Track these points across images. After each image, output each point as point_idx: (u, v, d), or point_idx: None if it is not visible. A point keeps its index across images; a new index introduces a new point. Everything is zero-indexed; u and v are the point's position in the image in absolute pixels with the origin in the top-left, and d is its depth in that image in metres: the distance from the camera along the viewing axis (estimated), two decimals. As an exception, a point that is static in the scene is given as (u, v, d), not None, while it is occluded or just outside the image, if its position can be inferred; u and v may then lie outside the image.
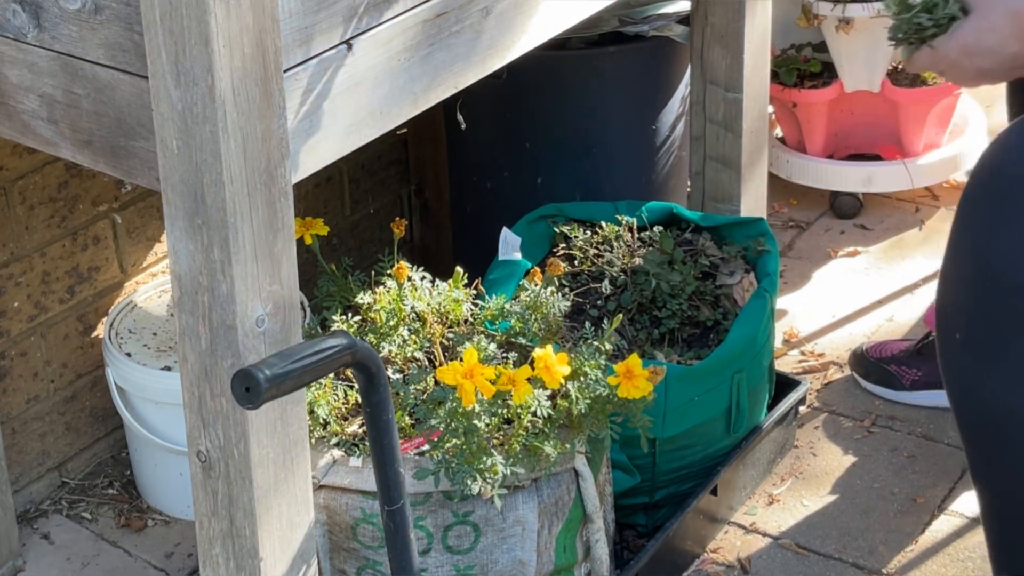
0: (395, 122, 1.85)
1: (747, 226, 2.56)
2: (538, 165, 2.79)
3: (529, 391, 1.95)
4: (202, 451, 1.78)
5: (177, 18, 1.56)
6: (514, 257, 2.47)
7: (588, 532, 2.16)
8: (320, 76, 1.72)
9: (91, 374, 2.63)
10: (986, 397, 1.60)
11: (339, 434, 2.11)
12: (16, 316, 2.48)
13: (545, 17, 2.04)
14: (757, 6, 2.56)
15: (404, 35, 1.82)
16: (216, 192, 1.62)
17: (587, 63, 2.73)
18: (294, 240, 1.73)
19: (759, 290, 2.43)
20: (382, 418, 1.68)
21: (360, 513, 2.05)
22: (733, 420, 2.39)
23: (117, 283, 2.63)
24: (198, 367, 1.74)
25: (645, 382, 2.00)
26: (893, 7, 1.70)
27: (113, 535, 2.54)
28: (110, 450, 2.70)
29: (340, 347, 1.58)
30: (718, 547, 2.45)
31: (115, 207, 2.57)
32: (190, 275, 1.69)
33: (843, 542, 2.45)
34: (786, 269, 3.17)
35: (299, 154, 1.72)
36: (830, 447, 2.66)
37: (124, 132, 1.72)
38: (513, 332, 2.19)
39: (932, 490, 2.55)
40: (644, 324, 2.45)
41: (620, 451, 2.29)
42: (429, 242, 3.16)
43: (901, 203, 3.40)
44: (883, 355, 2.77)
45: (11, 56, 1.78)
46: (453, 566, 2.06)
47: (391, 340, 2.19)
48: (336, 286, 2.31)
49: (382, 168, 3.05)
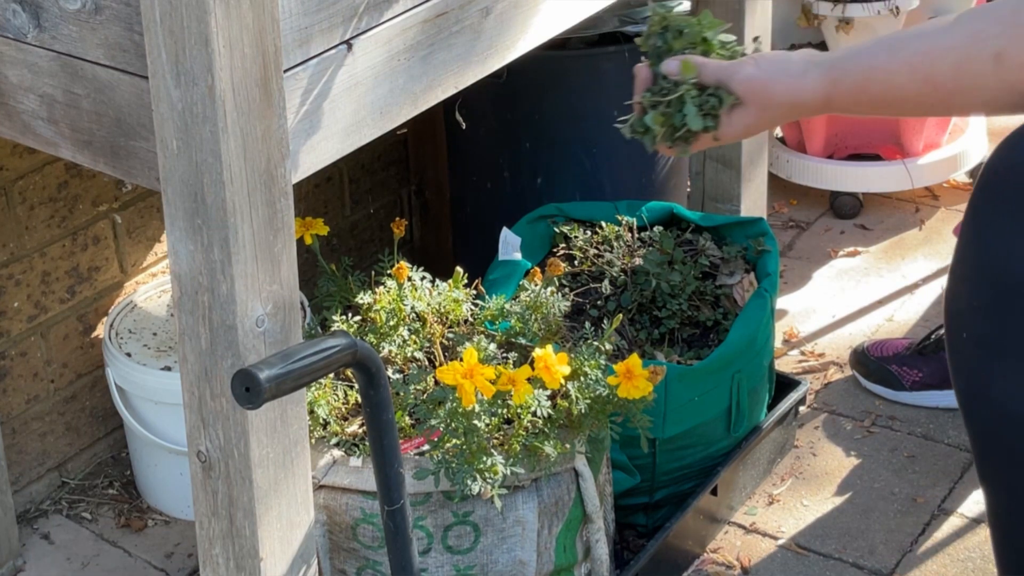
0: (395, 122, 1.85)
1: (747, 226, 2.56)
2: (538, 165, 2.79)
3: (529, 391, 1.95)
4: (202, 451, 1.78)
5: (177, 18, 1.56)
6: (514, 257, 2.47)
7: (588, 532, 2.16)
8: (320, 76, 1.72)
9: (91, 374, 2.63)
10: (994, 396, 1.59)
11: (339, 434, 2.11)
12: (16, 316, 2.48)
13: (545, 17, 2.04)
14: (757, 6, 2.56)
15: (404, 35, 1.82)
16: (216, 192, 1.62)
17: (587, 63, 2.73)
18: (294, 240, 1.73)
19: (759, 290, 2.43)
20: (382, 418, 1.68)
21: (360, 513, 2.05)
22: (733, 420, 2.39)
23: (117, 283, 2.63)
24: (198, 367, 1.74)
25: (645, 382, 2.00)
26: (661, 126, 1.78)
27: (113, 535, 2.54)
28: (110, 450, 2.70)
29: (340, 347, 1.58)
30: (718, 547, 2.45)
31: (115, 207, 2.57)
32: (190, 275, 1.69)
33: (843, 542, 2.45)
34: (786, 269, 3.17)
35: (299, 154, 1.72)
36: (830, 447, 2.66)
37: (124, 132, 1.72)
38: (513, 332, 2.19)
39: (932, 490, 2.55)
40: (644, 324, 2.45)
41: (620, 451, 2.30)
42: (429, 242, 3.16)
43: (901, 203, 3.40)
44: (884, 354, 2.77)
45: (11, 56, 1.78)
46: (453, 566, 2.06)
47: (391, 340, 2.19)
48: (336, 286, 2.31)
49: (382, 168, 3.05)
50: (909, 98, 1.62)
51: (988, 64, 1.54)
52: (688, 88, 1.76)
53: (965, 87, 1.57)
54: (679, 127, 1.77)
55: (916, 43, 1.61)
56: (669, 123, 1.78)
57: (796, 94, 1.69)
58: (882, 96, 1.64)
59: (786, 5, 3.26)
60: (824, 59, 1.69)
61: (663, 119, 1.78)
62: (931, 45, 1.59)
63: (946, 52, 1.57)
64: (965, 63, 1.55)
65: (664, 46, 1.82)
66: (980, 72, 1.55)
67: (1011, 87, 1.54)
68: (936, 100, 1.61)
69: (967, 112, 1.66)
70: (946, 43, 1.57)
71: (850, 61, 1.66)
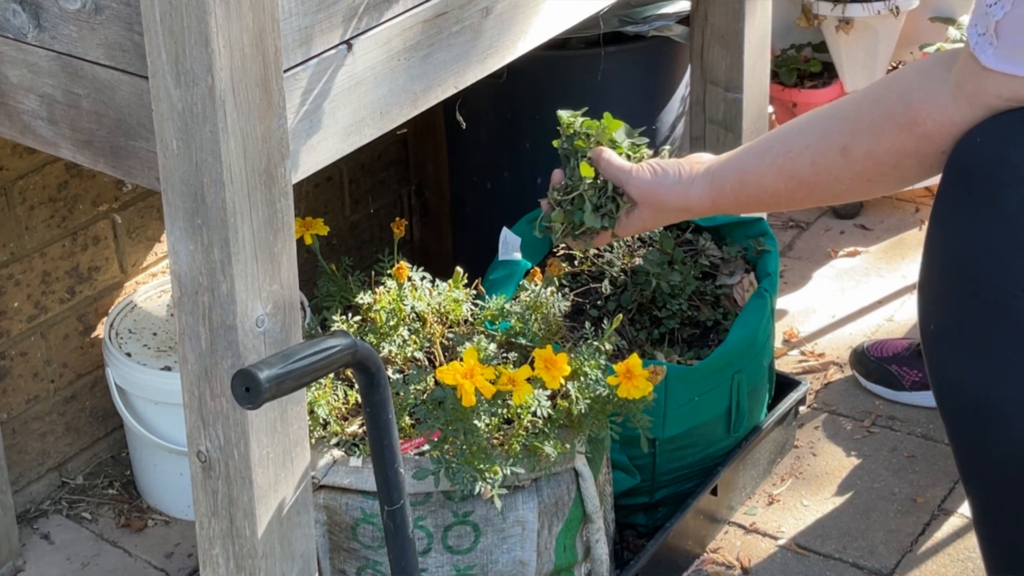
0: (395, 122, 1.85)
1: (747, 226, 2.56)
2: (538, 165, 2.79)
3: (529, 391, 1.95)
4: (202, 451, 1.78)
5: (177, 18, 1.56)
6: (514, 257, 2.47)
7: (588, 532, 2.16)
8: (320, 76, 1.72)
9: (91, 374, 2.63)
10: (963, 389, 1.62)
11: (339, 434, 2.11)
12: (16, 316, 2.48)
13: (545, 17, 2.04)
14: (757, 6, 2.56)
15: (404, 35, 1.82)
16: (216, 192, 1.62)
17: (587, 63, 2.73)
18: (294, 240, 1.73)
19: (759, 290, 2.43)
20: (382, 418, 1.68)
21: (360, 513, 2.05)
22: (733, 420, 2.39)
23: (117, 283, 2.63)
24: (198, 367, 1.74)
25: (645, 382, 2.00)
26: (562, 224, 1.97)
27: (113, 535, 2.54)
28: (110, 450, 2.70)
29: (340, 347, 1.58)
30: (718, 547, 2.45)
31: (115, 207, 2.57)
32: (190, 275, 1.69)
33: (843, 542, 2.45)
34: (786, 269, 3.17)
35: (299, 154, 1.72)
36: (830, 447, 2.66)
37: (124, 132, 1.72)
38: (513, 332, 2.19)
39: (932, 490, 2.55)
40: (644, 324, 2.45)
41: (620, 451, 2.30)
42: (429, 242, 3.16)
43: (901, 203, 3.40)
44: (884, 354, 2.77)
45: (11, 56, 1.78)
46: (453, 566, 2.06)
47: (391, 340, 2.19)
48: (336, 286, 2.31)
49: (382, 168, 3.05)
50: (781, 194, 1.78)
51: (838, 158, 1.70)
52: (587, 188, 1.93)
53: (823, 181, 1.73)
54: (578, 224, 1.95)
55: (778, 145, 1.78)
56: (569, 220, 1.95)
57: (684, 201, 1.87)
58: (758, 196, 1.81)
59: (786, 5, 3.26)
60: (709, 168, 1.86)
61: (563, 216, 1.96)
62: (790, 146, 1.76)
63: (803, 150, 1.74)
64: (819, 159, 1.72)
65: (570, 148, 1.97)
66: (833, 165, 1.71)
67: (860, 177, 1.70)
68: (804, 194, 1.77)
69: (834, 201, 1.84)
70: (802, 142, 1.74)
71: (727, 168, 1.84)
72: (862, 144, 1.68)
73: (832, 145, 1.71)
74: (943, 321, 1.63)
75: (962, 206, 1.59)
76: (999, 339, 1.57)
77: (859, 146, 1.69)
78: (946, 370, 1.65)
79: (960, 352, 1.62)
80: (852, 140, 1.69)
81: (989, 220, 1.56)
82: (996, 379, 1.59)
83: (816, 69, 3.31)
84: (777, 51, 3.33)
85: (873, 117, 1.68)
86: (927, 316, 1.66)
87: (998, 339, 1.57)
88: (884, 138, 1.66)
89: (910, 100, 1.64)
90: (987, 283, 1.57)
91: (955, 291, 1.61)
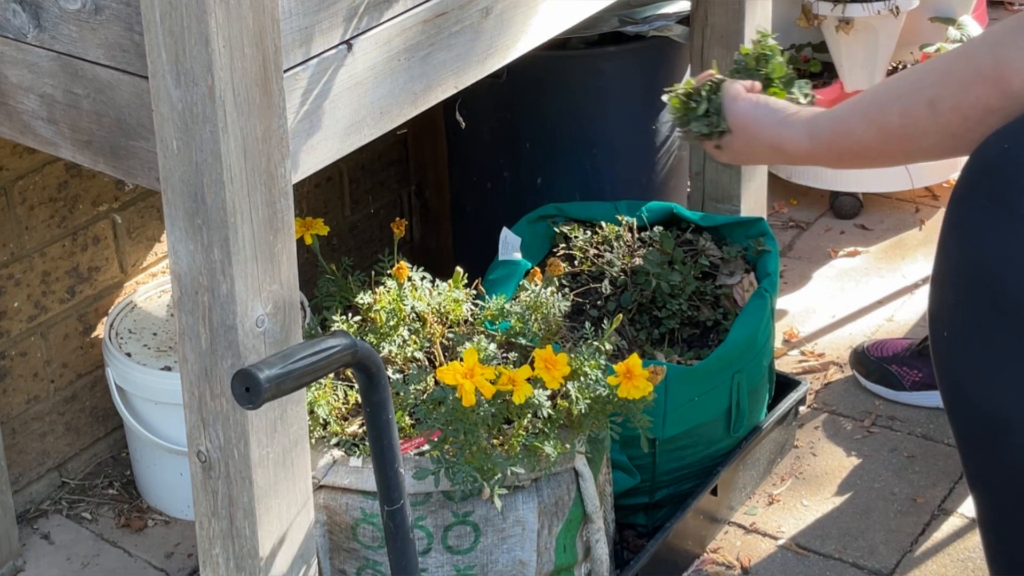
0: (395, 122, 1.85)
1: (747, 226, 2.56)
2: (538, 165, 2.79)
3: (529, 391, 1.95)
4: (202, 451, 1.78)
5: (177, 18, 1.56)
6: (514, 257, 2.47)
7: (588, 532, 2.16)
8: (320, 76, 1.72)
9: (91, 374, 2.63)
10: (973, 396, 1.61)
11: (339, 434, 2.11)
12: (16, 316, 2.48)
13: (545, 17, 2.04)
14: (757, 6, 2.56)
15: (404, 35, 1.82)
16: (216, 192, 1.62)
17: (587, 63, 2.73)
18: (294, 240, 1.73)
19: (759, 290, 2.43)
20: (382, 418, 1.68)
21: (360, 513, 2.05)
22: (733, 420, 2.39)
23: (117, 283, 2.63)
24: (198, 367, 1.74)
25: (645, 382, 2.00)
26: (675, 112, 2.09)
27: (113, 535, 2.54)
28: (110, 450, 2.70)
29: (340, 347, 1.58)
30: (718, 547, 2.45)
31: (115, 207, 2.57)
32: (190, 275, 1.69)
33: (843, 542, 2.45)
34: (786, 269, 3.17)
35: (299, 154, 1.72)
36: (830, 447, 2.66)
37: (124, 132, 1.72)
38: (513, 332, 2.19)
39: (932, 490, 2.55)
40: (644, 324, 2.45)
41: (620, 451, 2.30)
42: (429, 242, 3.16)
43: (901, 203, 3.40)
44: (884, 354, 2.77)
45: (11, 56, 1.78)
46: (453, 566, 2.06)
47: (391, 340, 2.19)
48: (336, 286, 2.31)
49: (382, 168, 3.05)
50: (872, 146, 1.77)
51: (925, 110, 1.69)
52: (708, 96, 2.02)
53: (911, 134, 1.72)
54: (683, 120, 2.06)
55: (871, 94, 1.78)
56: (682, 111, 2.06)
57: (778, 140, 1.90)
58: (850, 147, 1.80)
59: (786, 5, 3.26)
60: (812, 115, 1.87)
61: (679, 104, 2.07)
62: (883, 97, 1.75)
63: (893, 101, 1.73)
64: (908, 110, 1.71)
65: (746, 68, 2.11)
66: (920, 117, 1.70)
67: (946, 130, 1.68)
68: (893, 147, 1.76)
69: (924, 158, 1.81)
70: (894, 92, 1.74)
71: (826, 116, 1.84)
72: (949, 97, 1.66)
73: (921, 96, 1.69)
74: (957, 327, 1.62)
75: (982, 211, 1.58)
76: (1017, 348, 1.56)
77: (946, 99, 1.67)
78: (958, 377, 1.63)
79: (975, 360, 1.61)
80: (940, 92, 1.67)
81: (1009, 228, 1.55)
82: (1010, 388, 1.58)
83: (816, 69, 3.31)
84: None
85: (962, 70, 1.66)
86: (940, 322, 1.65)
87: (1016, 348, 1.56)
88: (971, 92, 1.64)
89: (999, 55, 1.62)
90: (1006, 292, 1.56)
91: (971, 298, 1.60)
